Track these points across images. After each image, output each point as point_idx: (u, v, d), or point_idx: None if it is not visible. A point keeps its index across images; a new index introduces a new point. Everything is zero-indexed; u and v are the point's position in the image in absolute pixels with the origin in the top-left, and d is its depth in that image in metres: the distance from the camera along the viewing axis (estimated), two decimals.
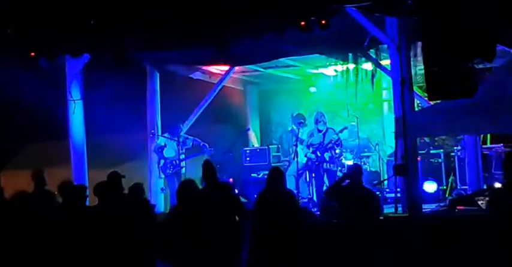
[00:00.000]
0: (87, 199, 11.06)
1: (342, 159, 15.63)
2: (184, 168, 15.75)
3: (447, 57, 10.06)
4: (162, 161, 15.83)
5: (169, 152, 15.69)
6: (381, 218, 11.70)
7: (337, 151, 15.17)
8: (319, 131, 15.15)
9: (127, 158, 15.66)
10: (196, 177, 11.33)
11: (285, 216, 10.13)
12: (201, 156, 15.37)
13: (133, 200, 10.41)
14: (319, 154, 15.02)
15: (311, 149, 15.18)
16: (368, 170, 16.29)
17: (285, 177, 10.80)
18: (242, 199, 14.38)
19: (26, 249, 9.41)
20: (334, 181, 12.31)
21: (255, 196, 10.83)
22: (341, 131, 15.21)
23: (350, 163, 15.42)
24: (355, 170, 10.78)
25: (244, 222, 10.11)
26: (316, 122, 15.32)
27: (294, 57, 16.30)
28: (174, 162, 15.61)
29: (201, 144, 15.82)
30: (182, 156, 15.67)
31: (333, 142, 14.96)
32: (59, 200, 11.34)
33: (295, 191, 14.49)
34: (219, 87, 17.33)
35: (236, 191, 14.62)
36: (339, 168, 15.23)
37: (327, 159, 14.85)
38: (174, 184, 15.41)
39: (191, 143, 15.98)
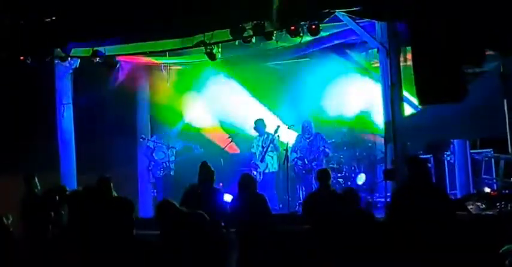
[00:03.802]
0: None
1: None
2: (173, 170, 15.73)
3: (437, 62, 10.05)
4: (153, 163, 15.82)
5: (159, 155, 15.69)
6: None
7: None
8: (307, 138, 15.19)
9: (116, 162, 15.60)
10: (186, 179, 11.36)
11: (254, 221, 10.23)
12: (192, 157, 15.39)
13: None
14: (306, 161, 15.03)
15: (298, 154, 15.21)
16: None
17: (255, 182, 10.90)
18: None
19: None
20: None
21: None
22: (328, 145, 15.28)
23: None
24: (321, 175, 10.86)
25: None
26: (303, 130, 15.38)
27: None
28: (164, 164, 15.60)
29: (192, 145, 15.85)
30: (172, 158, 15.65)
31: (320, 149, 14.99)
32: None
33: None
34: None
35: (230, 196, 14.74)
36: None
37: (314, 167, 14.83)
38: (163, 188, 15.42)
39: (181, 146, 15.99)
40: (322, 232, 10.12)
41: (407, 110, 13.39)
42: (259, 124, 15.98)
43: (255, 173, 15.29)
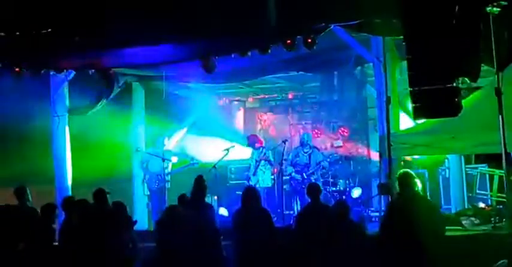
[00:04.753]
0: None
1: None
2: (169, 182, 15.70)
3: (432, 77, 10.07)
4: (147, 176, 15.77)
5: (154, 167, 15.64)
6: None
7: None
8: (305, 152, 15.21)
9: (111, 174, 15.57)
10: (181, 191, 11.36)
11: (260, 235, 10.19)
12: (187, 170, 15.41)
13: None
14: (305, 176, 15.03)
15: (296, 168, 15.20)
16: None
17: (260, 196, 10.87)
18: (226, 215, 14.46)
19: None
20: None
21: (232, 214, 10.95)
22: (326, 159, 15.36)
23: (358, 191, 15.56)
24: (309, 189, 10.88)
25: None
26: (302, 144, 15.39)
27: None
28: (159, 177, 15.55)
29: (188, 158, 15.85)
30: (167, 170, 15.62)
31: (321, 164, 15.04)
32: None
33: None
34: (205, 103, 17.40)
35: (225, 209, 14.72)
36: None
37: (313, 181, 14.81)
38: (158, 200, 15.37)
39: (176, 158, 15.97)
40: (313, 245, 10.13)
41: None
42: (252, 139, 15.98)
43: None
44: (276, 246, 10.40)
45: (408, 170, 10.44)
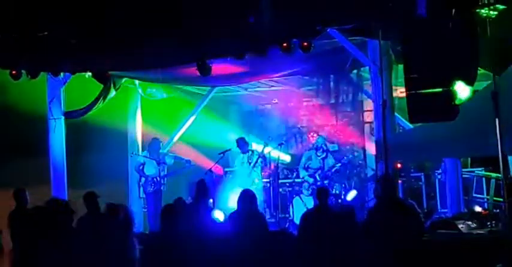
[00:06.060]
0: None
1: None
2: (165, 185, 15.66)
3: (428, 80, 10.08)
4: (143, 179, 15.72)
5: (149, 170, 15.60)
6: None
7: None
8: (319, 155, 15.24)
9: (107, 177, 15.54)
10: (177, 194, 11.33)
11: (254, 237, 10.20)
12: (183, 172, 15.40)
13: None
14: (318, 178, 15.04)
15: (309, 171, 15.23)
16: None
17: (256, 199, 10.88)
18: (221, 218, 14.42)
19: None
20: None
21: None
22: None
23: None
24: (320, 193, 10.87)
25: None
26: (316, 147, 15.41)
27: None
28: (155, 179, 15.52)
29: (184, 160, 15.81)
30: (163, 173, 15.59)
31: (333, 170, 15.08)
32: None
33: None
34: (201, 107, 17.36)
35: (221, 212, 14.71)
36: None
37: (326, 185, 14.80)
38: (153, 203, 15.33)
39: (172, 161, 15.92)
40: (314, 245, 10.13)
41: None
42: (242, 142, 15.94)
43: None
44: (270, 249, 10.41)
45: (387, 174, 10.51)
